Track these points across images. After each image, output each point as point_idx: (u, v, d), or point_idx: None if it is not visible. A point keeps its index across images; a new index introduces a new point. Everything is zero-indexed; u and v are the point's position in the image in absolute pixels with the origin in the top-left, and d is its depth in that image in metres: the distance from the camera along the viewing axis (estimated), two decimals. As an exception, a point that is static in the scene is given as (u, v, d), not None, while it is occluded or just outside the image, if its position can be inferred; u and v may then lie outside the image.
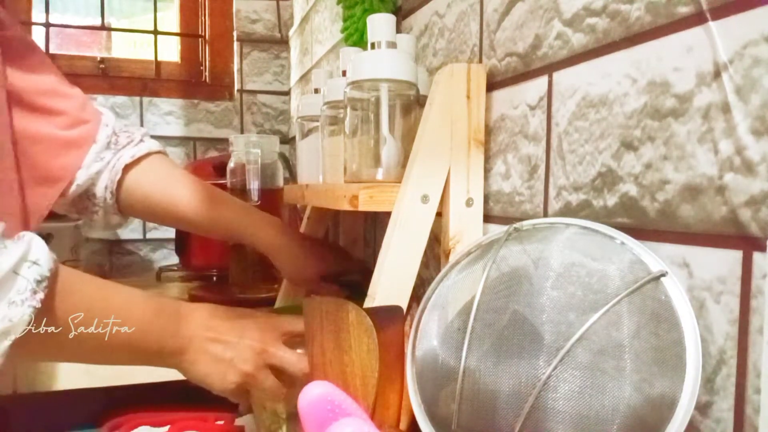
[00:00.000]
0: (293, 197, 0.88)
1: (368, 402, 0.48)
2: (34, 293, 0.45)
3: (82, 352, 0.52)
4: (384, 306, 0.54)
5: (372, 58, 0.60)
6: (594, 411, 0.35)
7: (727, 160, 0.36)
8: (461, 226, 0.58)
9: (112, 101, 1.70)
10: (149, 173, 0.77)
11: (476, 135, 0.58)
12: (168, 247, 1.73)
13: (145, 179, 0.77)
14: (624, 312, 0.36)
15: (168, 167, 0.80)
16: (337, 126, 0.74)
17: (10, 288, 0.44)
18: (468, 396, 0.39)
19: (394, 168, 0.61)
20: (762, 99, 0.33)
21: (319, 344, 0.54)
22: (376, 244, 0.98)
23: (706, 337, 0.37)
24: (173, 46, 1.84)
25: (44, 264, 0.47)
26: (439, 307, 0.46)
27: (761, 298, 0.34)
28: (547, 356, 0.36)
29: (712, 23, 0.36)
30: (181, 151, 1.76)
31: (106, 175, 0.74)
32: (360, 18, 0.85)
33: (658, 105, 0.41)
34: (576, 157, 0.49)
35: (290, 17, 1.82)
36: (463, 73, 0.57)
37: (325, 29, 1.33)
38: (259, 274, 1.11)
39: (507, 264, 0.42)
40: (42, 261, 0.46)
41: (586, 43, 0.47)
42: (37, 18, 1.70)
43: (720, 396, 0.37)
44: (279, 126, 1.85)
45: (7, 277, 0.44)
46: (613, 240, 0.41)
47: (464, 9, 0.66)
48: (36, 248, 0.47)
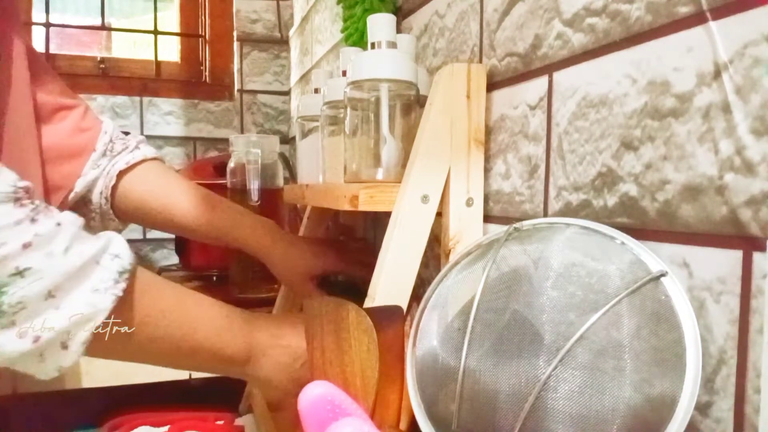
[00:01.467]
0: (293, 197, 0.88)
1: (368, 402, 0.48)
2: (116, 283, 0.46)
3: (154, 353, 0.52)
4: (384, 306, 0.54)
5: (372, 58, 0.60)
6: (594, 411, 0.35)
7: (727, 160, 0.36)
8: (461, 226, 0.58)
9: (112, 101, 1.70)
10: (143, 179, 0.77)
11: (476, 135, 0.58)
12: (168, 247, 1.73)
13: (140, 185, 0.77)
14: (624, 312, 0.36)
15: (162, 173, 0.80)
16: (337, 126, 0.74)
17: (93, 276, 0.45)
18: (468, 396, 0.39)
19: (394, 168, 0.61)
20: (762, 99, 0.33)
21: (319, 344, 0.54)
22: (376, 244, 0.98)
23: (706, 337, 0.37)
24: (173, 46, 1.84)
25: (125, 258, 0.47)
26: (439, 307, 0.46)
27: (761, 298, 0.34)
28: (547, 356, 0.36)
29: (712, 23, 0.36)
30: (181, 151, 1.77)
31: (101, 181, 0.75)
32: (360, 18, 0.85)
33: (658, 105, 0.41)
34: (576, 157, 0.49)
35: (290, 17, 1.82)
36: (463, 73, 0.57)
37: (325, 29, 1.33)
38: (259, 274, 1.11)
39: (507, 264, 0.42)
40: (123, 255, 0.47)
41: (586, 43, 0.47)
42: (37, 18, 1.70)
43: (720, 396, 0.37)
44: (279, 126, 1.85)
45: (89, 265, 0.45)
46: (613, 240, 0.41)
47: (464, 9, 0.66)
48: (117, 243, 0.48)
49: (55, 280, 0.43)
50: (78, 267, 0.44)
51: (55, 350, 0.44)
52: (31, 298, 0.42)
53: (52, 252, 0.43)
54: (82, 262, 0.44)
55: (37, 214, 0.43)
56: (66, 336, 0.44)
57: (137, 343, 0.49)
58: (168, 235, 1.68)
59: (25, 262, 0.42)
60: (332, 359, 0.52)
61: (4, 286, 0.41)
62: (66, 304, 0.43)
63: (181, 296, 0.55)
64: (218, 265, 1.28)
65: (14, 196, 0.42)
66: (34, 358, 0.43)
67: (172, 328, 0.51)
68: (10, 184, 0.43)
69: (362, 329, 0.49)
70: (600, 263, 0.39)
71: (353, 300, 0.52)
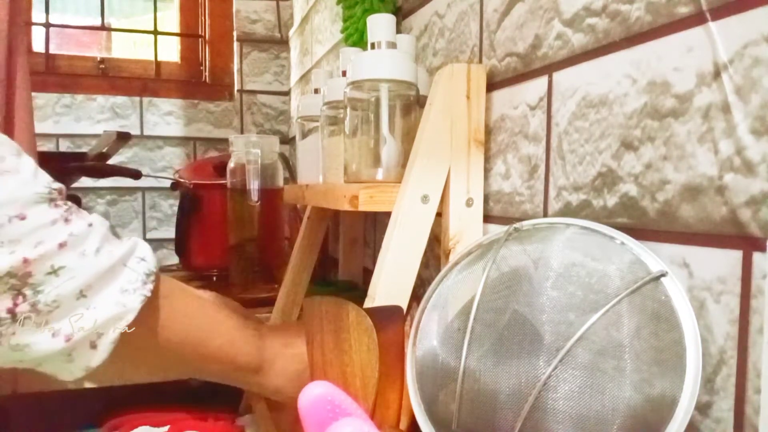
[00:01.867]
0: (293, 197, 0.88)
1: (368, 402, 0.48)
2: (144, 284, 0.46)
3: (176, 359, 0.53)
4: (384, 306, 0.54)
5: (372, 58, 0.60)
6: (594, 411, 0.35)
7: (727, 160, 0.36)
8: (461, 226, 0.58)
9: (112, 101, 1.70)
10: None
11: (476, 135, 0.58)
12: (168, 247, 1.73)
13: None
14: (624, 312, 0.36)
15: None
16: (337, 126, 0.74)
17: (121, 277, 0.45)
18: (468, 396, 0.39)
19: (394, 168, 0.61)
20: (762, 99, 0.33)
21: (319, 344, 0.54)
22: (376, 244, 0.98)
23: (706, 337, 0.37)
24: (173, 46, 1.84)
25: (150, 261, 0.48)
26: (439, 307, 0.46)
27: (761, 298, 0.34)
28: (547, 356, 0.36)
29: (712, 23, 0.36)
30: (181, 151, 1.77)
31: None
32: (360, 18, 0.85)
33: (658, 105, 0.41)
34: (576, 157, 0.49)
35: (290, 17, 1.82)
36: (463, 73, 0.57)
37: (325, 29, 1.33)
38: (259, 274, 1.11)
39: (507, 264, 0.42)
40: (149, 259, 0.48)
41: (586, 43, 0.47)
42: (37, 18, 1.70)
43: (720, 396, 0.37)
44: (279, 126, 1.85)
45: (118, 266, 0.45)
46: (613, 240, 0.41)
47: (464, 9, 0.66)
48: (143, 247, 0.48)
49: (88, 279, 0.43)
50: (108, 267, 0.45)
51: (84, 350, 0.44)
52: (65, 297, 0.42)
53: (85, 252, 0.44)
54: (111, 263, 0.45)
55: (70, 215, 0.44)
56: (96, 336, 0.44)
57: (158, 346, 0.50)
58: (168, 235, 1.69)
59: (59, 261, 0.42)
60: (332, 359, 0.52)
61: (40, 285, 0.42)
62: (96, 304, 0.44)
63: (203, 303, 0.55)
64: (218, 265, 1.27)
65: (49, 197, 0.43)
66: (63, 358, 0.44)
67: (192, 333, 0.52)
68: (45, 185, 0.43)
69: (362, 329, 0.49)
70: (600, 263, 0.39)
71: (353, 300, 0.52)
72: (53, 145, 1.64)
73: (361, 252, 1.04)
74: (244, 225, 1.10)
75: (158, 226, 1.76)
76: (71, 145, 1.67)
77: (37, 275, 0.41)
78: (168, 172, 1.69)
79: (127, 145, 1.58)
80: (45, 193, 0.43)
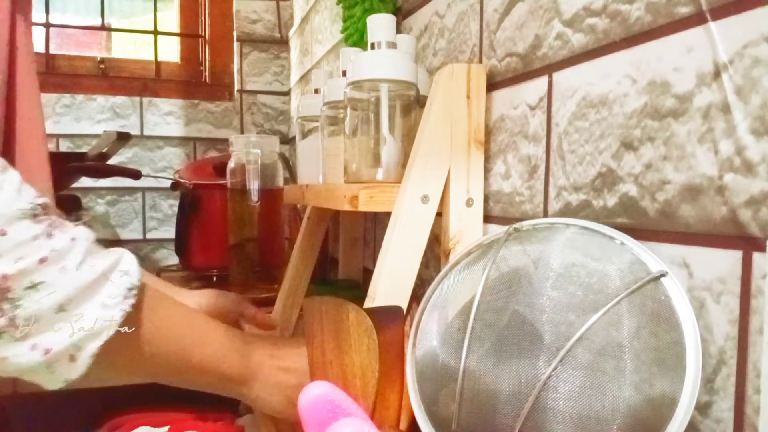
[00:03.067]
0: (293, 197, 0.88)
1: (368, 402, 0.48)
2: (125, 298, 0.46)
3: (161, 370, 0.53)
4: (384, 306, 0.54)
5: (372, 58, 0.60)
6: (594, 411, 0.35)
7: (727, 160, 0.36)
8: (461, 226, 0.58)
9: (112, 101, 1.70)
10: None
11: (476, 135, 0.58)
12: (168, 247, 1.73)
13: None
14: (624, 312, 0.36)
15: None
16: (337, 126, 0.74)
17: (102, 291, 0.46)
18: (468, 396, 0.39)
19: (394, 168, 0.61)
20: (762, 99, 0.33)
21: (319, 344, 0.54)
22: (376, 244, 0.98)
23: (706, 337, 0.37)
24: (173, 46, 1.84)
25: (134, 275, 0.48)
26: (439, 307, 0.46)
27: (761, 298, 0.34)
28: (547, 356, 0.36)
29: (712, 23, 0.36)
30: (181, 151, 1.77)
31: None
32: (360, 18, 0.85)
33: (658, 105, 0.41)
34: (576, 157, 0.49)
35: (290, 17, 1.82)
36: (463, 73, 0.57)
37: (325, 29, 1.33)
38: (259, 274, 1.11)
39: (507, 264, 0.42)
40: (132, 272, 0.48)
41: (586, 43, 0.47)
42: (37, 18, 1.70)
43: (720, 396, 0.37)
44: (279, 126, 1.85)
45: (100, 280, 0.46)
46: (613, 240, 0.41)
47: (464, 9, 0.66)
48: (127, 259, 0.48)
49: (68, 294, 0.44)
50: (89, 282, 0.45)
51: (63, 363, 0.44)
52: (44, 312, 0.43)
53: (66, 267, 0.44)
54: (93, 278, 0.45)
55: (53, 230, 0.44)
56: (75, 349, 0.44)
57: (143, 359, 0.50)
58: (168, 235, 1.69)
59: (39, 276, 0.42)
60: (332, 359, 0.52)
61: (19, 300, 0.42)
62: (76, 319, 0.44)
63: (189, 314, 0.56)
64: (218, 265, 1.28)
65: (32, 213, 0.43)
66: (43, 370, 0.44)
67: (177, 344, 0.52)
68: (28, 201, 0.44)
69: (362, 329, 0.49)
70: (600, 263, 0.39)
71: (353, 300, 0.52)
72: (53, 145, 1.64)
73: (361, 252, 1.04)
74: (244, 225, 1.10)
75: (158, 226, 1.76)
76: (71, 145, 1.67)
77: (16, 290, 0.42)
78: (168, 172, 1.69)
79: (127, 145, 1.58)
80: (28, 209, 0.43)
